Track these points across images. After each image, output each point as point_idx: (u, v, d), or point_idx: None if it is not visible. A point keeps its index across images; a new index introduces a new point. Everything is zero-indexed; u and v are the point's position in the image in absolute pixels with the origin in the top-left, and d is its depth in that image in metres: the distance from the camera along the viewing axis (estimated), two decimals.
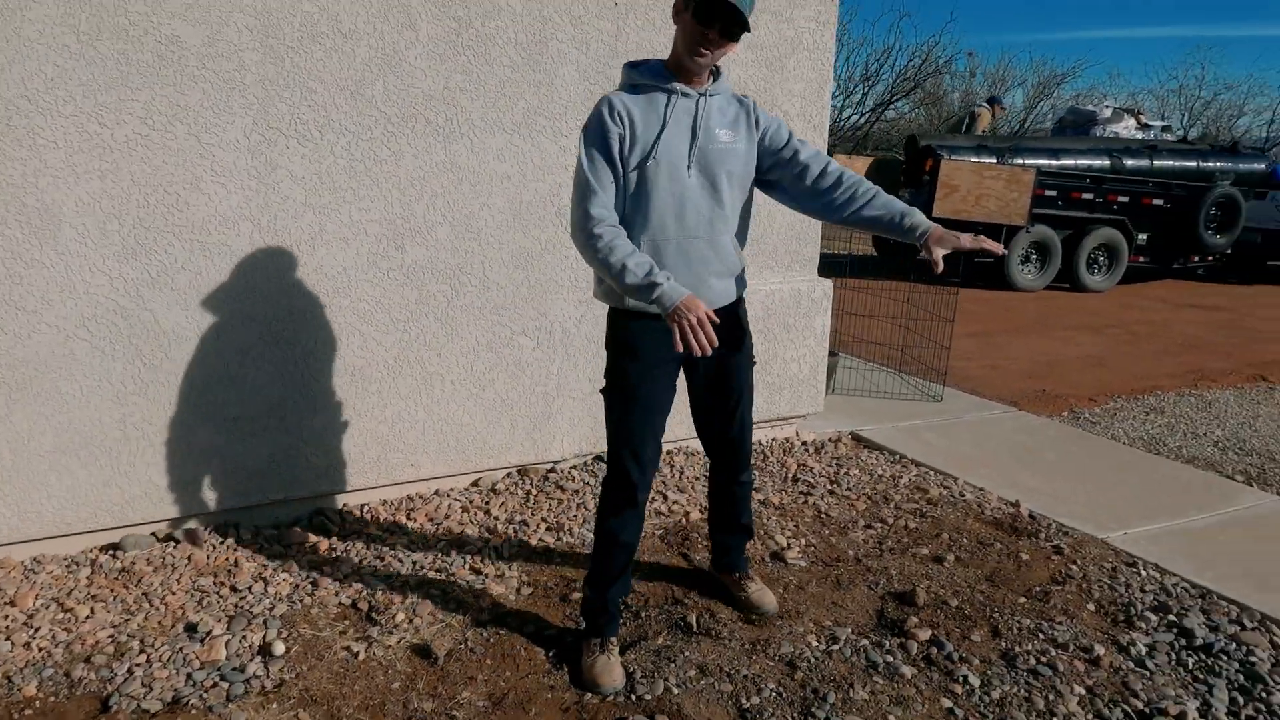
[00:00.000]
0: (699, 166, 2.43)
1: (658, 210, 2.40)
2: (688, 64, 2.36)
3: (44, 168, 2.90)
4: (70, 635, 2.70)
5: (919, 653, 2.75)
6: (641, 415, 2.53)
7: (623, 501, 2.57)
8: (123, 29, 2.91)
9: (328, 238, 3.36)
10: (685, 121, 2.41)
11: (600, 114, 2.36)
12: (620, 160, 2.37)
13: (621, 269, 2.28)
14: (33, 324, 2.99)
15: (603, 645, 2.60)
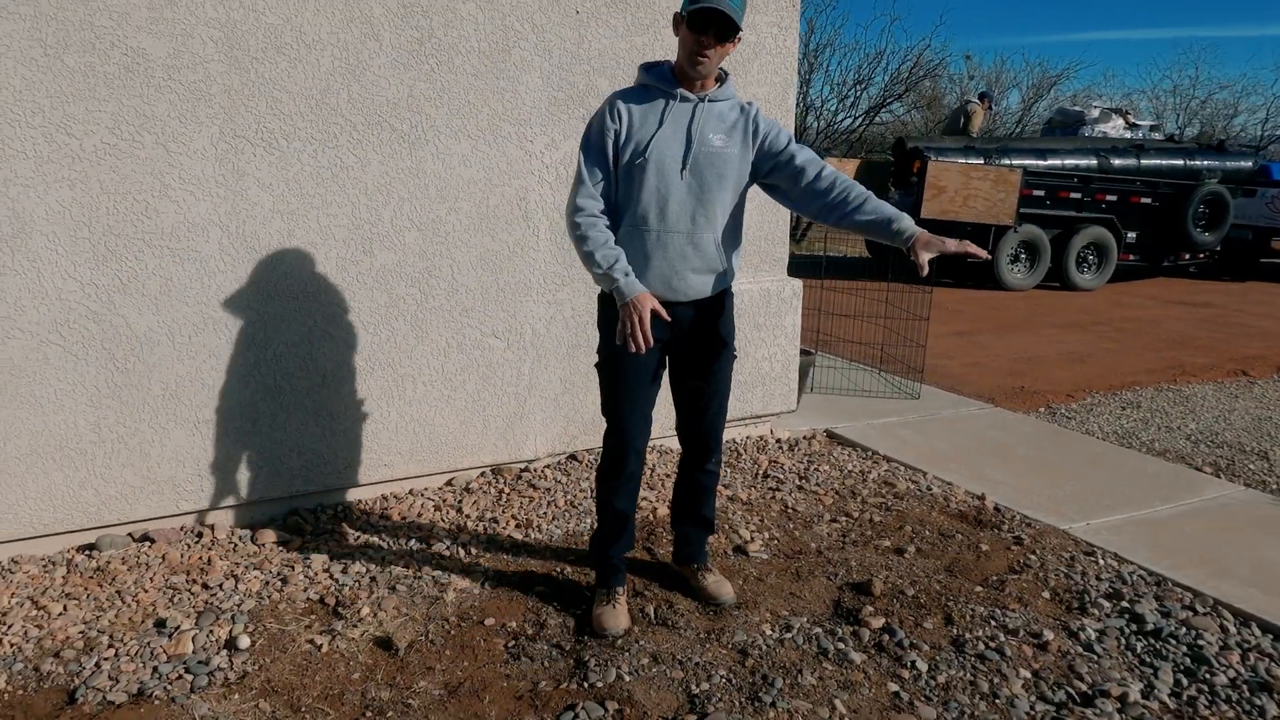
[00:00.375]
0: (689, 168, 2.60)
1: (643, 203, 2.60)
2: (690, 71, 2.58)
3: (14, 177, 2.98)
4: (42, 632, 2.77)
5: (870, 640, 2.81)
6: (627, 387, 2.73)
7: (615, 468, 2.82)
8: (89, 42, 3.00)
9: (296, 243, 3.44)
10: (681, 124, 2.60)
11: (602, 112, 2.62)
12: (613, 154, 2.60)
13: (590, 255, 2.55)
14: (5, 330, 3.07)
15: (609, 596, 2.88)
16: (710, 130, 2.62)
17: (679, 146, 2.59)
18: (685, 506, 3.05)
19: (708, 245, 2.67)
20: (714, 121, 2.63)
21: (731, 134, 2.65)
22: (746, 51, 4.16)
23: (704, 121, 2.61)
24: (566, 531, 3.54)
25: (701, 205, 2.63)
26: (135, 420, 3.31)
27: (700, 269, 2.68)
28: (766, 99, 4.27)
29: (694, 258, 2.65)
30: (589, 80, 3.85)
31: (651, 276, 2.65)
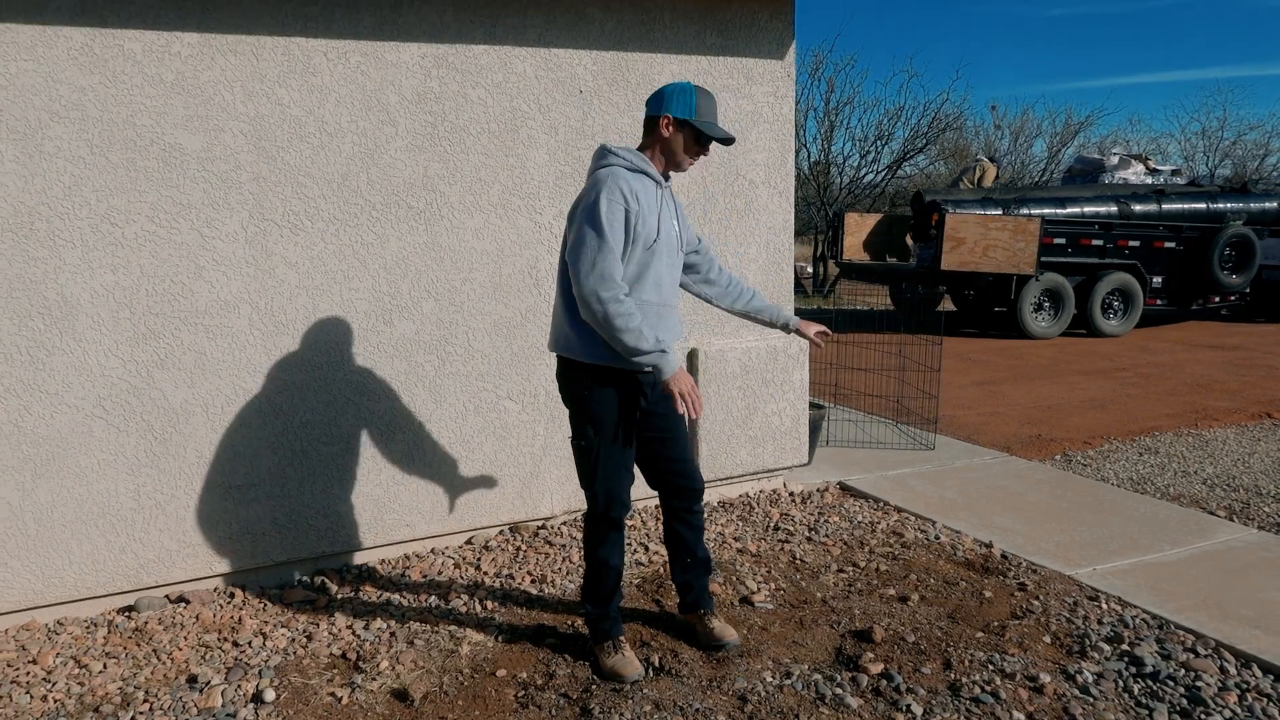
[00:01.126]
0: (673, 248, 2.86)
1: (652, 281, 2.78)
2: (673, 169, 2.86)
3: (63, 265, 3.25)
4: (83, 688, 2.95)
5: (868, 685, 2.89)
6: (616, 456, 2.86)
7: (608, 533, 2.95)
8: (131, 140, 3.29)
9: (321, 316, 3.67)
10: (670, 208, 2.87)
11: (621, 191, 2.65)
12: (630, 236, 2.68)
13: (639, 333, 2.61)
14: (54, 405, 3.32)
15: (615, 646, 3.00)
16: (678, 212, 2.94)
17: (669, 228, 2.83)
18: (679, 552, 3.13)
19: (676, 316, 2.94)
20: (677, 204, 2.94)
21: (681, 216, 2.97)
22: (745, 120, 4.38)
23: (675, 204, 2.92)
24: (579, 586, 3.66)
25: (675, 281, 2.90)
26: (172, 487, 3.53)
27: (677, 336, 2.95)
28: (765, 164, 4.47)
29: (675, 326, 2.91)
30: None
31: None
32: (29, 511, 3.33)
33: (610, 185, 2.65)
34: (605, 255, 2.60)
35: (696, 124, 2.77)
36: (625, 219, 2.65)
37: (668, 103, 2.78)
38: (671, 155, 2.83)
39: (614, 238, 2.62)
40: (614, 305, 2.59)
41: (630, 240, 2.68)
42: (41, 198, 3.20)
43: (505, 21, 3.82)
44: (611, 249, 2.61)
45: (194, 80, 3.36)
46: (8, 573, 3.33)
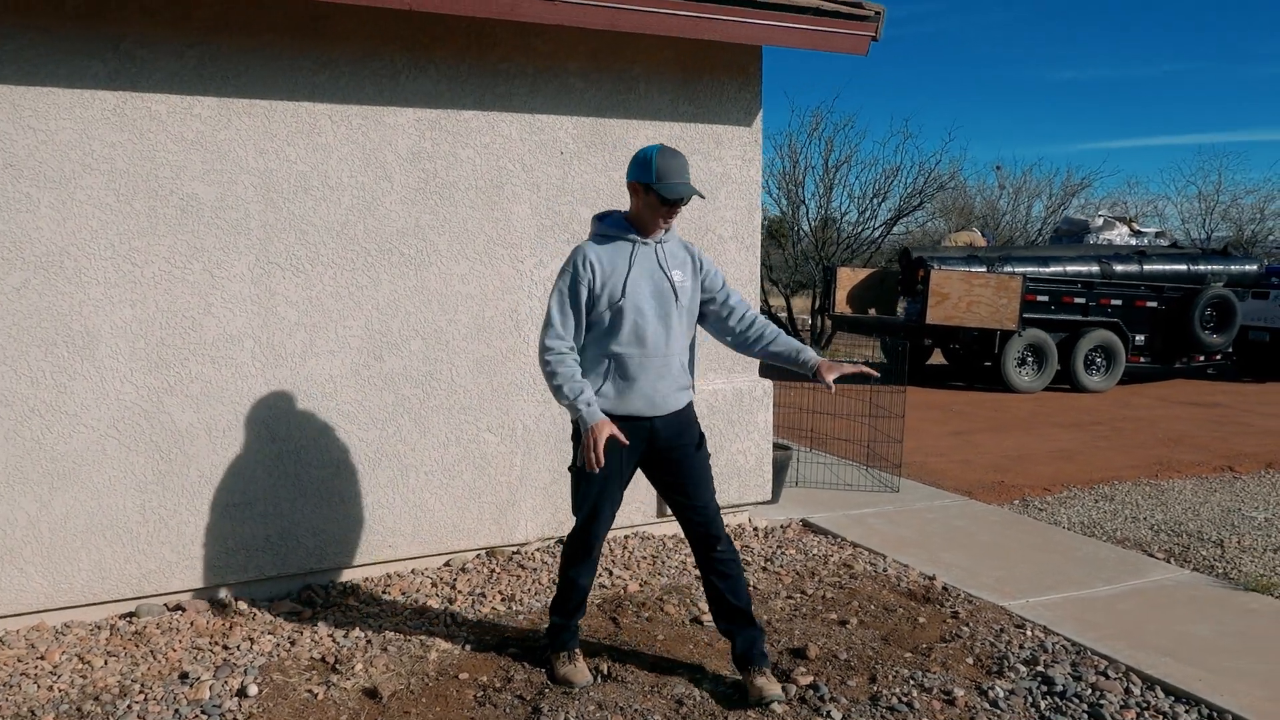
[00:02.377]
0: (657, 302, 3.07)
1: (625, 336, 3.05)
2: (650, 228, 3.06)
3: (87, 299, 3.63)
4: (85, 681, 3.26)
5: (796, 694, 3.17)
6: (595, 492, 3.15)
7: (582, 555, 3.23)
8: (153, 190, 3.69)
9: (317, 351, 4.04)
10: (648, 266, 3.06)
11: (575, 263, 3.02)
12: (589, 300, 3.01)
13: (559, 389, 3.01)
14: (73, 425, 3.67)
15: (569, 656, 3.28)
16: (671, 268, 3.09)
17: (649, 284, 3.04)
18: (716, 597, 3.19)
19: (676, 365, 3.13)
20: (672, 259, 3.11)
21: (685, 269, 3.13)
22: (714, 180, 4.78)
23: (665, 260, 3.09)
24: (545, 604, 3.96)
25: (670, 333, 3.09)
26: (175, 504, 3.86)
27: (674, 387, 3.14)
28: (734, 221, 4.85)
29: (668, 377, 3.12)
30: (573, 209, 4.47)
31: (635, 396, 3.06)
32: (45, 522, 3.67)
33: (569, 260, 3.05)
34: (552, 321, 3.03)
35: (657, 188, 2.96)
36: (576, 288, 3.01)
37: (633, 169, 3.02)
38: (643, 218, 3.04)
39: (561, 306, 3.03)
40: (550, 361, 3.01)
41: (591, 303, 3.03)
42: (71, 239, 3.59)
43: (494, 90, 4.24)
44: (557, 316, 3.03)
45: (211, 138, 3.77)
46: (23, 577, 3.66)
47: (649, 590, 4.12)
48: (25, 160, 3.51)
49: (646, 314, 3.04)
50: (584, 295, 3.02)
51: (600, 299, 3.02)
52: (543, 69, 4.32)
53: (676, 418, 3.17)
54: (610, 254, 3.05)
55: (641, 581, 4.22)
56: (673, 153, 3.00)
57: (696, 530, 3.18)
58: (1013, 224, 25.27)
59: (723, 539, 3.19)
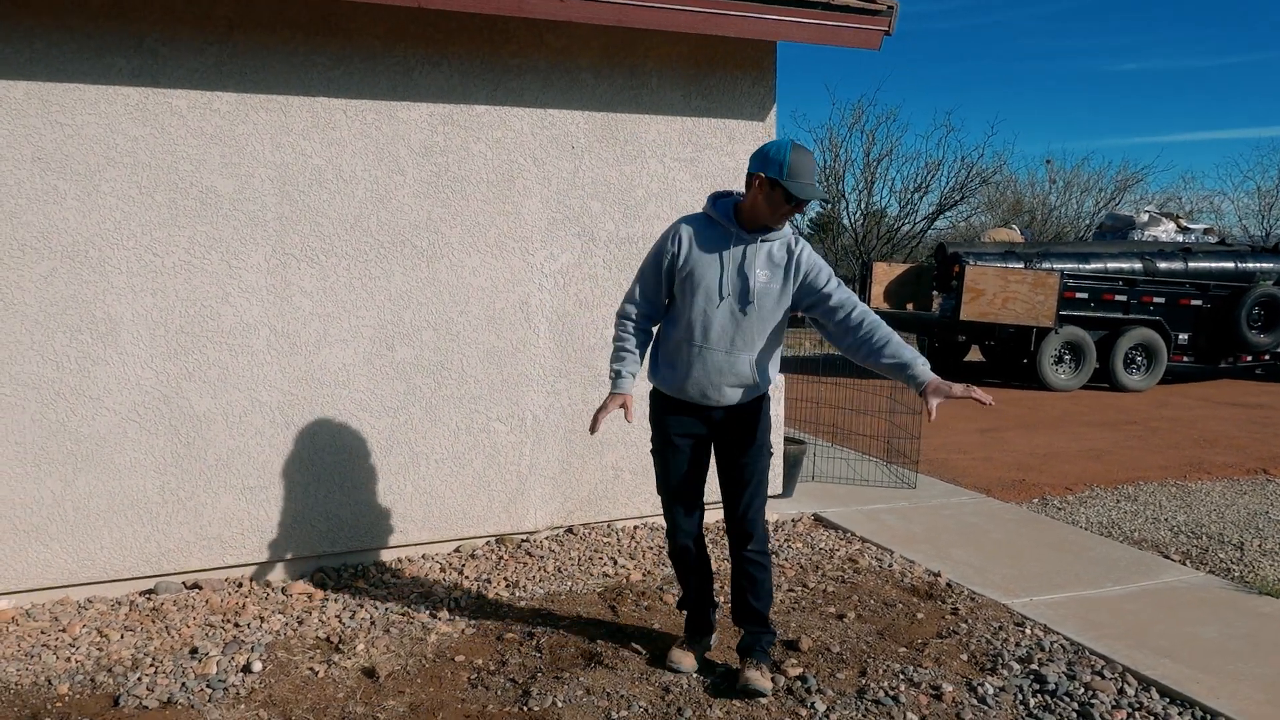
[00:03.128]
0: (734, 297, 2.98)
1: (690, 321, 3.04)
2: (765, 222, 2.97)
3: (110, 288, 3.78)
4: (101, 653, 3.41)
5: (784, 685, 3.20)
6: (667, 471, 3.21)
7: (669, 535, 3.29)
8: (173, 183, 3.82)
9: (331, 340, 4.15)
10: (734, 261, 2.98)
11: (665, 235, 3.07)
12: (669, 273, 3.05)
13: (613, 350, 3.16)
14: (96, 409, 3.83)
15: (685, 641, 3.36)
16: (759, 267, 2.97)
17: (730, 281, 2.96)
18: (735, 597, 3.24)
19: (742, 365, 3.03)
20: (764, 259, 2.98)
21: (776, 271, 2.98)
22: (726, 175, 4.80)
23: (755, 259, 2.97)
24: (548, 592, 4.04)
25: (741, 332, 2.99)
26: (193, 486, 4.01)
27: (734, 384, 3.06)
28: None
29: (729, 374, 3.03)
30: (583, 203, 4.53)
31: (690, 385, 3.05)
32: (69, 501, 3.83)
33: (665, 231, 3.10)
34: (631, 287, 3.15)
35: (786, 184, 2.86)
36: (659, 259, 3.06)
37: (759, 161, 2.91)
38: (761, 212, 2.93)
39: (642, 274, 3.12)
40: (615, 327, 3.17)
41: (671, 277, 3.05)
42: (96, 230, 3.74)
43: (505, 84, 4.31)
44: (635, 283, 3.13)
45: (230, 132, 3.90)
46: (49, 553, 3.83)
47: (651, 580, 4.18)
48: (53, 154, 3.66)
49: (719, 308, 2.97)
50: (664, 266, 3.04)
51: (679, 277, 3.01)
52: (554, 64, 4.38)
53: (737, 410, 3.13)
54: (705, 237, 3.01)
55: (645, 571, 4.27)
56: (805, 151, 2.91)
57: (733, 524, 3.20)
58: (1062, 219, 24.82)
59: (756, 539, 3.17)
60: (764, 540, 3.20)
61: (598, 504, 4.78)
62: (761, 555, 3.19)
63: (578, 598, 3.98)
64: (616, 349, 3.14)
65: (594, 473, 4.74)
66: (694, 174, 4.73)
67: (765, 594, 3.21)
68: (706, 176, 4.76)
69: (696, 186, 4.74)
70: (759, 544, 3.18)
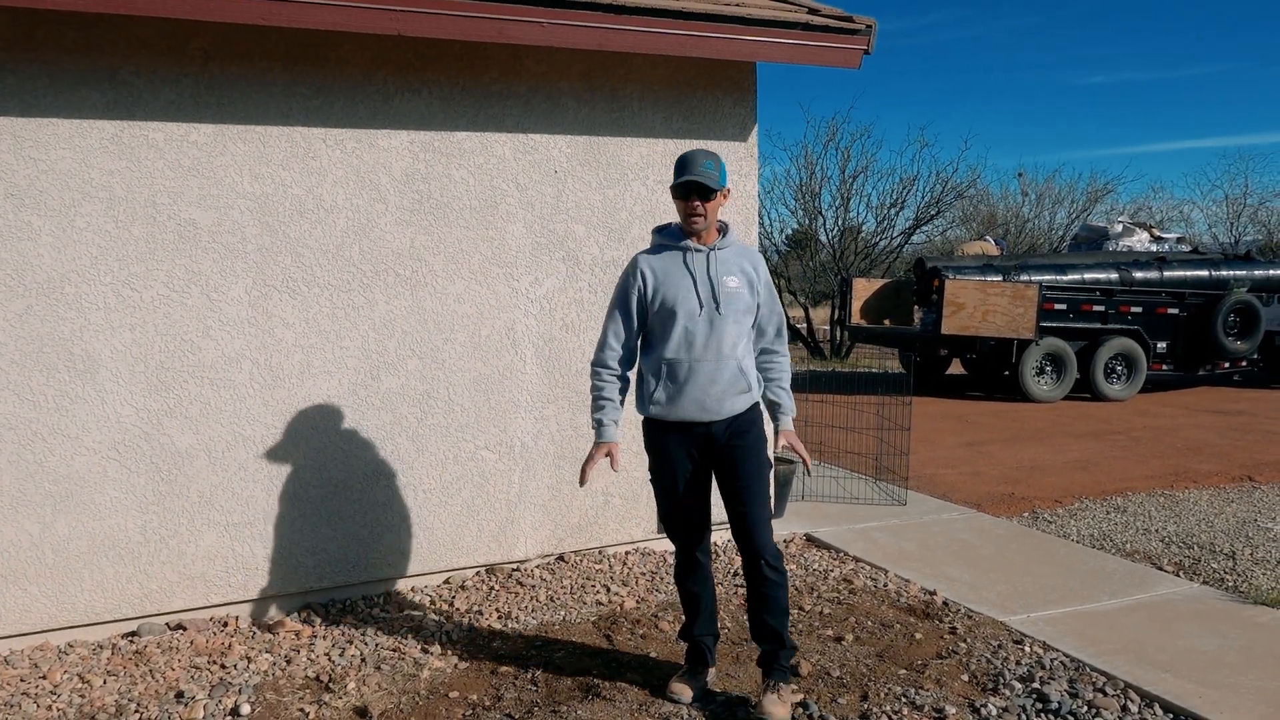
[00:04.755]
0: (706, 307, 3.07)
1: (674, 341, 3.11)
2: (689, 229, 3.11)
3: (87, 324, 3.71)
4: (84, 700, 3.31)
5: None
6: (666, 495, 3.23)
7: (676, 558, 3.33)
8: (151, 216, 3.76)
9: (314, 372, 4.09)
10: (700, 272, 3.10)
11: (628, 273, 3.16)
12: (641, 308, 3.13)
13: (592, 401, 3.22)
14: (75, 448, 3.74)
15: (686, 673, 3.32)
16: (724, 274, 3.09)
17: (699, 290, 3.07)
18: (751, 616, 3.20)
19: (730, 370, 3.10)
20: (726, 266, 3.11)
21: (741, 276, 3.12)
22: None
23: (717, 266, 3.10)
24: (541, 622, 3.97)
25: (721, 337, 3.08)
26: (175, 524, 3.92)
27: (727, 391, 3.11)
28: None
29: (720, 381, 3.10)
30: (567, 227, 4.50)
31: (687, 401, 3.09)
32: (48, 543, 3.73)
33: (625, 270, 3.21)
34: (602, 335, 3.20)
35: (671, 186, 3.08)
36: (626, 296, 3.15)
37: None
38: (682, 221, 3.12)
39: (611, 317, 3.19)
40: (591, 376, 3.22)
41: (644, 311, 3.15)
42: (72, 265, 3.67)
43: (487, 110, 4.28)
44: (606, 329, 3.19)
45: (208, 164, 3.84)
46: (27, 598, 3.72)
47: (645, 607, 4.12)
48: (26, 189, 3.59)
49: (696, 319, 3.08)
50: (635, 302, 3.14)
51: (652, 306, 3.12)
52: (535, 89, 4.36)
53: (733, 424, 3.15)
54: (663, 262, 3.13)
55: (639, 598, 4.22)
56: (689, 152, 3.09)
57: (742, 542, 3.16)
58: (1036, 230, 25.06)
59: (767, 552, 3.12)
60: (776, 556, 3.15)
61: (589, 530, 4.72)
62: (774, 571, 3.14)
63: (572, 627, 3.91)
64: (595, 399, 3.19)
65: (584, 499, 4.69)
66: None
67: (780, 611, 3.16)
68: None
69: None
70: (771, 559, 3.13)
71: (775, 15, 4.20)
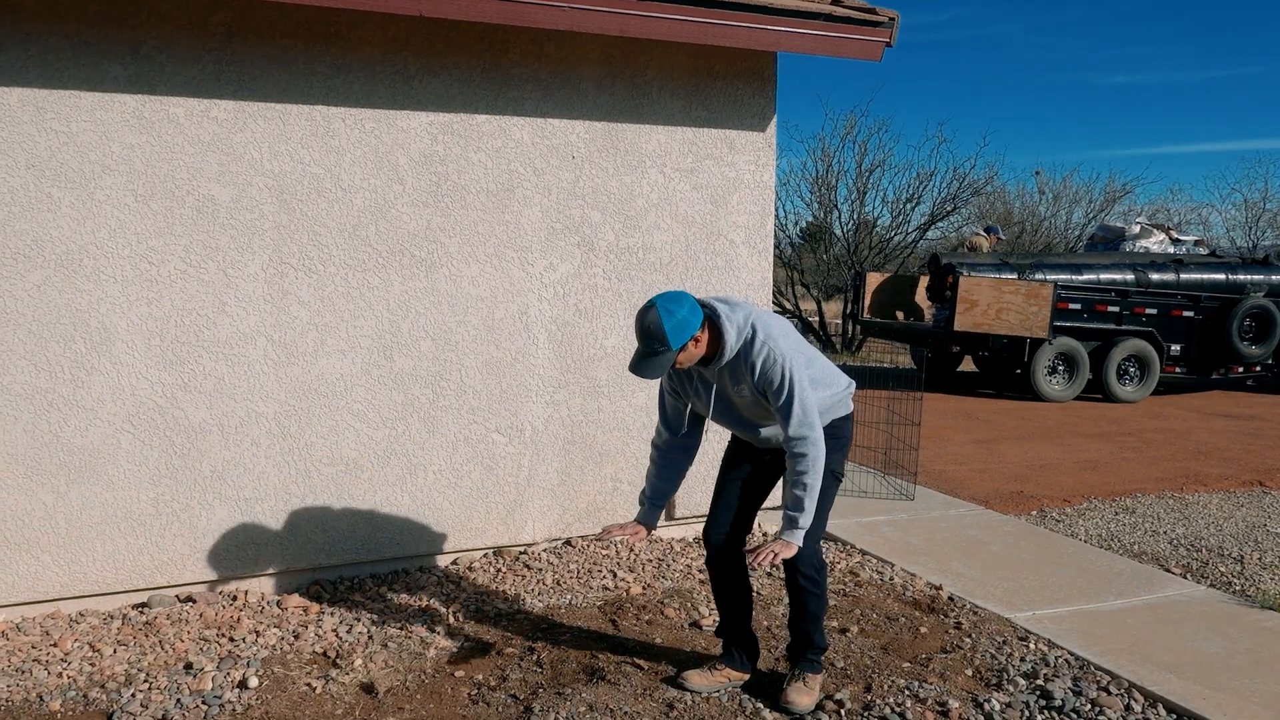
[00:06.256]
0: (725, 405, 3.08)
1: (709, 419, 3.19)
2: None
3: (105, 297, 3.73)
4: (94, 668, 3.35)
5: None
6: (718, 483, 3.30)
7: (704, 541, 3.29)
8: (170, 191, 3.78)
9: (328, 350, 4.10)
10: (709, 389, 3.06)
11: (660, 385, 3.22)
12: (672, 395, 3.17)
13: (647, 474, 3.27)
14: (90, 420, 3.77)
15: (713, 664, 3.31)
16: (731, 385, 3.00)
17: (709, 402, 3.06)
18: (790, 615, 3.24)
19: (762, 437, 3.12)
20: (731, 378, 2.98)
21: (743, 380, 2.96)
22: (726, 185, 4.78)
23: (724, 381, 3.01)
24: (547, 605, 3.99)
25: (746, 424, 3.10)
26: (187, 497, 3.95)
27: (767, 445, 3.17)
28: (746, 226, 4.85)
29: (759, 443, 3.17)
30: (583, 213, 4.50)
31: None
32: (61, 513, 3.77)
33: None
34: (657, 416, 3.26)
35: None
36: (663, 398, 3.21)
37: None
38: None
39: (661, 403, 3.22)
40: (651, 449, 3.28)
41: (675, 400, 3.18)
42: (90, 239, 3.69)
43: (506, 94, 4.28)
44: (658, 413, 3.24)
45: (228, 140, 3.85)
46: (39, 566, 3.76)
47: (651, 593, 4.14)
48: (47, 161, 3.61)
49: (725, 423, 3.14)
50: (666, 394, 3.19)
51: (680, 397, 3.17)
52: (555, 73, 4.35)
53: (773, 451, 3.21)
54: (678, 374, 3.14)
55: (645, 584, 4.23)
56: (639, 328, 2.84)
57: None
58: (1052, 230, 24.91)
59: (802, 560, 3.05)
60: (809, 564, 3.09)
61: (596, 516, 4.74)
62: (806, 580, 3.10)
63: (578, 611, 3.93)
64: (647, 474, 3.27)
65: (593, 484, 4.70)
66: (694, 184, 4.70)
67: (811, 618, 3.17)
68: (706, 186, 4.74)
69: (696, 196, 4.72)
70: (805, 566, 3.09)
71: (799, 5, 4.18)
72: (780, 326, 2.99)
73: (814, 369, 3.05)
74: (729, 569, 3.25)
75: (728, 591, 3.27)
